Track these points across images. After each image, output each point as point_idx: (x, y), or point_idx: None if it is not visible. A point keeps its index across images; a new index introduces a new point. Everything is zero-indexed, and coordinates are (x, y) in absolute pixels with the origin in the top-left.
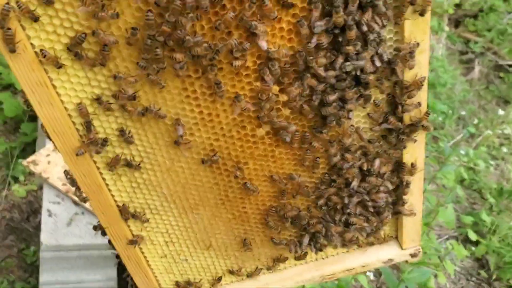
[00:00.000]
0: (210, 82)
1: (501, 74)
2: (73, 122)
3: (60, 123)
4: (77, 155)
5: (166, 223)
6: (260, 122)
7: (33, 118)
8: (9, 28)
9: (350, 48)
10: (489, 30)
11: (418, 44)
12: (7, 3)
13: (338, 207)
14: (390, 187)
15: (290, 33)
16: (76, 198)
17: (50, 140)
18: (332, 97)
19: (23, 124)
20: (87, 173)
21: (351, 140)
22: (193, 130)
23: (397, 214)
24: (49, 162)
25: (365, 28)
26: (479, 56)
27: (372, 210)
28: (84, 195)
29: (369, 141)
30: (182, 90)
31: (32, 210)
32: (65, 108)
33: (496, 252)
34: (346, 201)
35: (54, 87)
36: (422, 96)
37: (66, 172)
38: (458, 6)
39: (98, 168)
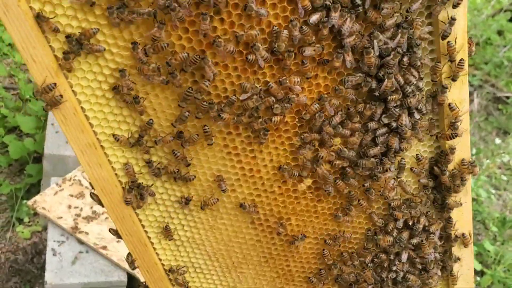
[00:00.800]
0: (250, 138)
1: (500, 106)
2: (120, 182)
3: (108, 182)
4: (127, 204)
5: (210, 282)
6: (301, 177)
7: (38, 159)
8: (61, 95)
9: (395, 97)
10: (486, 63)
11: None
12: (54, 83)
13: (385, 264)
14: (439, 243)
15: (326, 88)
16: (80, 237)
17: (100, 204)
18: (372, 151)
19: (28, 166)
20: (133, 232)
21: (394, 193)
22: (235, 186)
23: (446, 270)
24: (54, 201)
25: (401, 80)
26: (478, 88)
27: (420, 267)
28: (135, 263)
29: (414, 194)
30: (224, 147)
31: (36, 251)
32: (113, 168)
33: (502, 282)
34: (392, 257)
35: (103, 148)
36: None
37: (111, 230)
38: None
39: (143, 226)
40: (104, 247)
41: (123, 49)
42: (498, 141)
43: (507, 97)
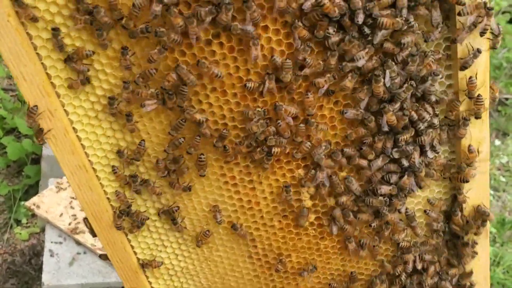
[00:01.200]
0: (249, 168)
1: (499, 108)
2: (112, 206)
3: (99, 206)
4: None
5: None
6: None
7: (36, 161)
8: (42, 128)
9: (405, 137)
10: None
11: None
12: (35, 106)
13: None
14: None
15: (332, 120)
16: (78, 238)
17: (92, 232)
18: (383, 190)
19: (26, 167)
20: (124, 258)
21: (404, 235)
22: (232, 218)
23: None
24: (52, 202)
25: (415, 116)
26: None
27: None
28: None
29: (427, 236)
30: (220, 176)
31: (34, 252)
32: (104, 191)
33: (501, 283)
34: None
35: (94, 170)
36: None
37: (102, 255)
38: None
39: (135, 253)
40: (102, 248)
41: (117, 70)
42: (497, 142)
43: (506, 99)
